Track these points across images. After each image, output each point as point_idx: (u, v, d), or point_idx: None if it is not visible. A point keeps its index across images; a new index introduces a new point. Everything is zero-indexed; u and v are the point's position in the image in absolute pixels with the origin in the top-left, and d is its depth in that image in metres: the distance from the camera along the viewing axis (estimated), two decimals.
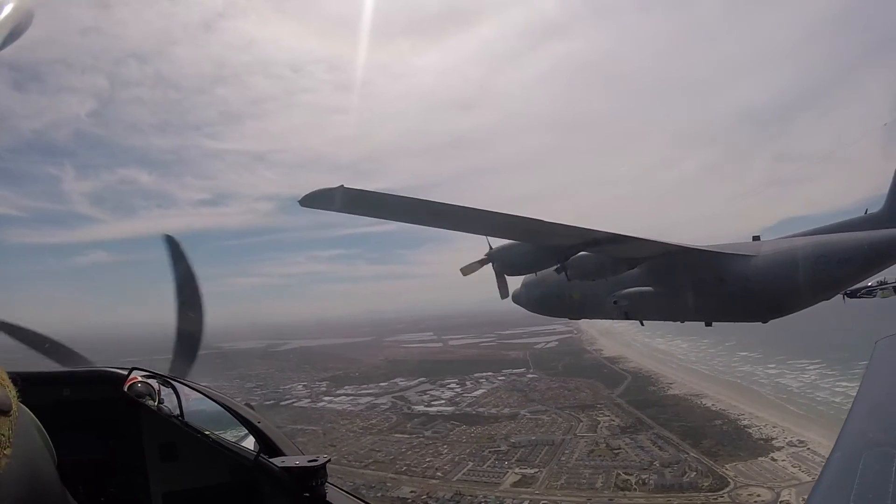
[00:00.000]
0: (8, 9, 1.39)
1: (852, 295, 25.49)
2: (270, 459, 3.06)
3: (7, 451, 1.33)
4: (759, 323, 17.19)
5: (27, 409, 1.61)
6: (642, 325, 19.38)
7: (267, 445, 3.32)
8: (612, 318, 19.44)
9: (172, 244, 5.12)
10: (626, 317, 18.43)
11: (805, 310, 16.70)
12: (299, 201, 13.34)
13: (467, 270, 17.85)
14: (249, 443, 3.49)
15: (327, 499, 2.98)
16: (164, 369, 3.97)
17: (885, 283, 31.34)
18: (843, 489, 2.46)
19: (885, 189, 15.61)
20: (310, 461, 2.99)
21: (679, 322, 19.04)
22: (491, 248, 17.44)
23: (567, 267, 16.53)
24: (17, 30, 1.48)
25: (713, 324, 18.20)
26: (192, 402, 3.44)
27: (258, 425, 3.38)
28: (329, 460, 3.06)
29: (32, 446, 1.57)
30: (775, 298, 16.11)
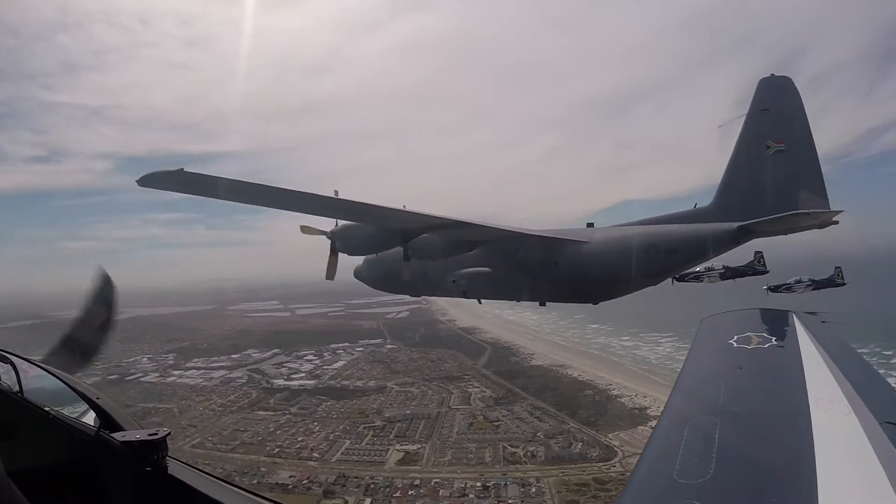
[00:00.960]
0: None
1: (681, 279, 27.59)
2: (111, 434, 3.01)
3: None
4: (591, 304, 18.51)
5: None
6: (480, 303, 20.33)
7: (107, 421, 3.18)
8: (452, 296, 20.13)
9: None
10: (465, 295, 19.13)
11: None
12: (137, 181, 12.97)
13: (307, 230, 17.80)
14: (90, 418, 3.32)
15: (169, 471, 2.90)
16: None
17: (712, 269, 34.56)
18: (670, 455, 2.90)
19: (714, 182, 17.23)
20: (150, 434, 2.94)
21: (515, 301, 20.15)
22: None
23: (409, 248, 16.97)
24: None
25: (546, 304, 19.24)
26: (31, 379, 3.34)
27: (97, 401, 3.25)
28: (169, 433, 2.98)
29: None
30: (606, 283, 17.40)
